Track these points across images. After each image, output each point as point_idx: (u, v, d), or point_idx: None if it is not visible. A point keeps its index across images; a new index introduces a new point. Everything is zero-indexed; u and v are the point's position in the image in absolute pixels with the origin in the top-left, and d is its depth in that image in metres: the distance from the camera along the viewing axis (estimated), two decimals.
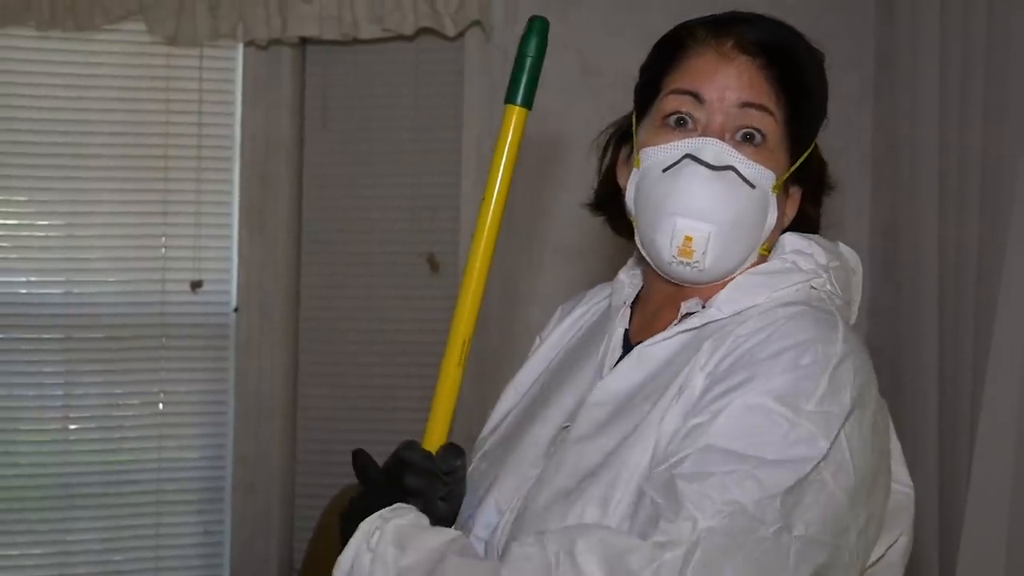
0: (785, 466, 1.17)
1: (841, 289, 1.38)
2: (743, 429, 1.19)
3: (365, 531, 1.28)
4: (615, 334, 1.45)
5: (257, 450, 3.48)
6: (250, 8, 3.30)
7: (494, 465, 1.44)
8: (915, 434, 2.84)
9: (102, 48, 3.40)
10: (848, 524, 1.20)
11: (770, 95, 1.34)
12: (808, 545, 1.16)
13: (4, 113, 3.35)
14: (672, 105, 1.36)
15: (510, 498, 1.38)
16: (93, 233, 3.43)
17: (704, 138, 1.33)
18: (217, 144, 3.49)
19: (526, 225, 3.27)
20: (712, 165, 1.32)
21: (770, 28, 1.39)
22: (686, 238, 1.33)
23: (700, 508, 1.13)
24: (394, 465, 1.36)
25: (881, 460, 1.29)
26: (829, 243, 1.43)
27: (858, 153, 3.37)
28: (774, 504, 1.14)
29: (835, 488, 1.19)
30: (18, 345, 3.38)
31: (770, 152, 1.35)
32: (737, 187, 1.33)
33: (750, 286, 1.34)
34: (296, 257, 3.55)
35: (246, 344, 3.48)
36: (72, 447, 3.42)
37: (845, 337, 1.26)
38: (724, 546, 1.12)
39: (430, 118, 3.50)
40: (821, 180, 1.48)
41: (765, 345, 1.25)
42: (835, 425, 1.19)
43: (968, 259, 2.71)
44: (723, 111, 1.34)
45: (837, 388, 1.21)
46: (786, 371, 1.22)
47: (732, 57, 1.35)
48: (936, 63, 2.87)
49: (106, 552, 3.43)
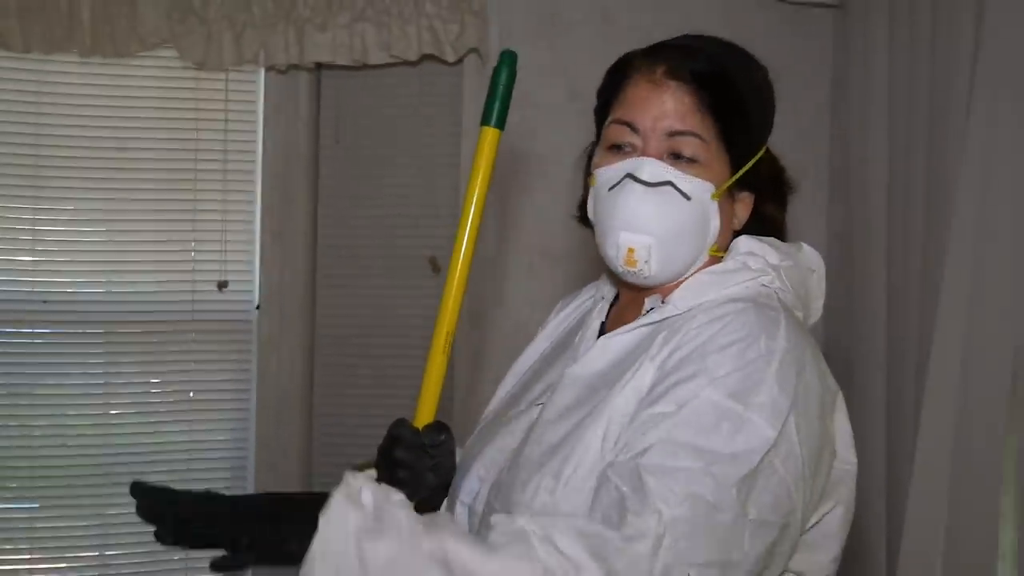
0: (738, 458, 1.18)
1: (794, 286, 1.39)
2: (700, 425, 1.19)
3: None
4: (591, 326, 1.48)
5: (277, 434, 3.48)
6: (271, 36, 3.31)
7: (482, 440, 1.47)
8: (864, 419, 2.85)
9: (138, 72, 3.40)
10: (795, 504, 1.22)
11: (698, 119, 1.34)
12: (760, 527, 1.18)
13: (51, 131, 3.35)
14: (614, 135, 1.39)
15: (489, 468, 1.41)
16: (131, 238, 3.42)
17: (642, 158, 1.35)
18: (241, 158, 3.49)
19: (516, 232, 3.28)
20: (648, 183, 1.33)
21: (702, 53, 1.38)
22: (629, 250, 1.35)
23: (665, 501, 1.14)
24: (387, 441, 1.38)
25: (825, 442, 1.30)
26: (787, 244, 1.44)
27: (815, 166, 3.37)
28: (731, 493, 1.16)
29: (784, 474, 1.20)
30: (64, 339, 3.38)
31: (705, 167, 1.35)
32: (674, 200, 1.34)
33: (702, 284, 1.35)
34: (312, 260, 3.55)
35: (267, 338, 3.49)
36: (112, 431, 3.42)
37: (787, 330, 1.27)
38: (688, 532, 1.13)
39: (432, 135, 3.50)
40: (778, 183, 1.48)
41: (714, 339, 1.26)
42: (782, 415, 1.21)
43: (913, 262, 2.72)
44: (656, 138, 1.35)
45: (783, 380, 1.22)
46: (736, 366, 1.22)
47: (662, 84, 1.35)
48: (885, 85, 2.89)
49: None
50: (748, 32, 3.32)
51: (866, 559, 2.80)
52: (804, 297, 1.42)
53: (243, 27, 3.30)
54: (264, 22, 3.30)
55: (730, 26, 3.21)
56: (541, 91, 3.26)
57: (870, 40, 2.96)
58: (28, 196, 3.35)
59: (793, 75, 3.39)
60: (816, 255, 1.47)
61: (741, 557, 1.16)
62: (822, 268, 1.47)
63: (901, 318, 2.77)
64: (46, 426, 3.38)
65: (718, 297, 1.33)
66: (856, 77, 3.06)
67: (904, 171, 2.78)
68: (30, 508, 3.38)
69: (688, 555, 1.12)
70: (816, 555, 1.35)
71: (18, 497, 3.38)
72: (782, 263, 1.38)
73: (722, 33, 1.46)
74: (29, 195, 3.35)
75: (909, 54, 2.76)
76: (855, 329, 3.00)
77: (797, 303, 1.39)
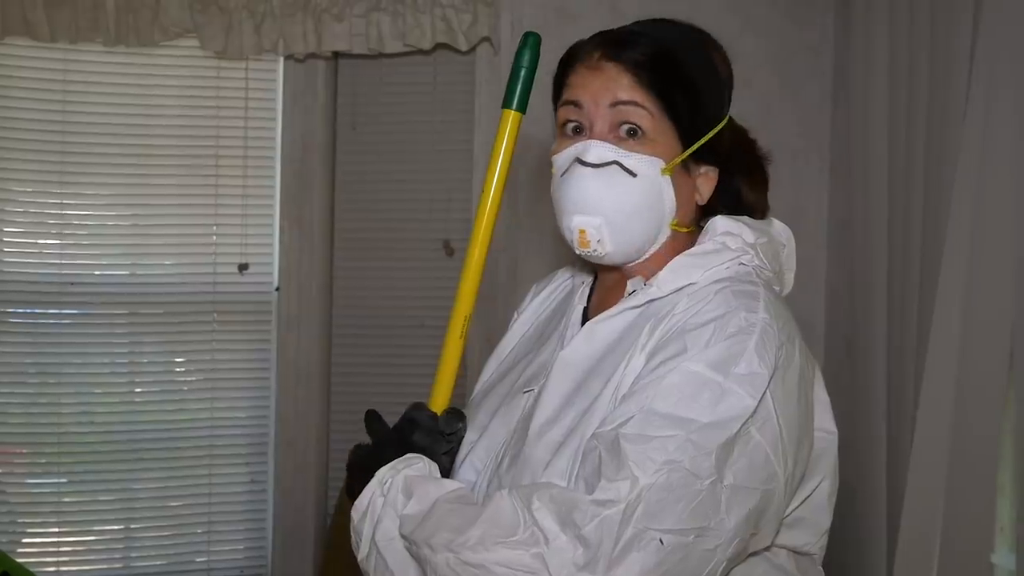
0: (717, 426, 1.17)
1: (770, 261, 1.38)
2: (681, 395, 1.19)
3: (380, 478, 1.30)
4: (574, 312, 1.46)
5: (296, 410, 3.49)
6: (289, 27, 3.31)
7: (476, 429, 1.45)
8: (865, 399, 2.85)
9: (161, 62, 3.41)
10: (775, 471, 1.21)
11: (638, 92, 1.32)
12: (737, 492, 1.17)
13: (77, 119, 3.36)
14: (563, 115, 1.38)
15: (485, 460, 1.39)
16: (155, 223, 3.44)
17: (588, 141, 1.33)
18: (261, 145, 3.50)
19: (530, 215, 3.27)
20: (594, 164, 1.32)
21: (641, 35, 1.37)
22: (580, 231, 1.34)
23: (642, 468, 1.14)
24: (404, 424, 1.37)
25: (807, 412, 1.29)
26: (759, 221, 1.42)
27: (818, 154, 3.37)
28: (709, 460, 1.15)
29: (761, 440, 1.19)
30: (91, 320, 3.40)
31: (653, 142, 1.33)
32: (620, 179, 1.32)
33: (686, 267, 1.34)
34: (330, 243, 3.56)
35: (286, 319, 3.50)
36: (137, 408, 3.44)
37: (767, 305, 1.26)
38: (664, 499, 1.13)
39: (446, 121, 3.50)
40: (750, 158, 1.46)
41: (694, 317, 1.26)
42: (761, 385, 1.20)
43: (913, 246, 2.72)
44: (599, 114, 1.33)
45: (761, 352, 1.22)
46: (716, 339, 1.22)
47: (599, 67, 1.34)
48: (886, 74, 2.88)
49: (166, 498, 3.45)
50: (752, 21, 3.34)
51: (867, 533, 2.80)
52: (778, 271, 1.41)
53: (263, 17, 3.30)
54: (283, 12, 3.30)
55: (734, 15, 3.23)
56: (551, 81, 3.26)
57: (871, 29, 2.95)
58: (55, 182, 3.37)
59: (796, 64, 3.38)
60: (786, 229, 1.46)
61: (717, 523, 1.15)
62: (792, 242, 1.45)
63: (901, 300, 2.77)
64: (73, 404, 3.40)
65: (702, 280, 1.32)
66: (857, 66, 3.05)
67: (904, 158, 2.77)
68: (58, 483, 3.41)
69: (661, 521, 1.12)
70: (808, 529, 1.35)
71: (46, 472, 3.41)
72: (758, 240, 1.37)
73: (726, 22, 1.44)
74: (56, 181, 3.37)
75: (909, 43, 2.76)
76: (856, 311, 3.00)
77: (773, 278, 1.39)
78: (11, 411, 3.37)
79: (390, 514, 1.27)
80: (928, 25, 2.67)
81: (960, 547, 2.42)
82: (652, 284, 1.35)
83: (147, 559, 3.44)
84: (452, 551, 1.17)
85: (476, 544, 1.15)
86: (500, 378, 1.52)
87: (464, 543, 1.16)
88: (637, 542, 1.11)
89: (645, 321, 1.31)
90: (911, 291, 2.71)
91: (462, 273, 1.41)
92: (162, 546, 3.45)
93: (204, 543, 3.48)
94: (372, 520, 1.29)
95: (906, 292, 2.74)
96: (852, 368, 2.97)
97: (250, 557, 3.52)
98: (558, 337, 1.44)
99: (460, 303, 1.38)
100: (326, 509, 3.55)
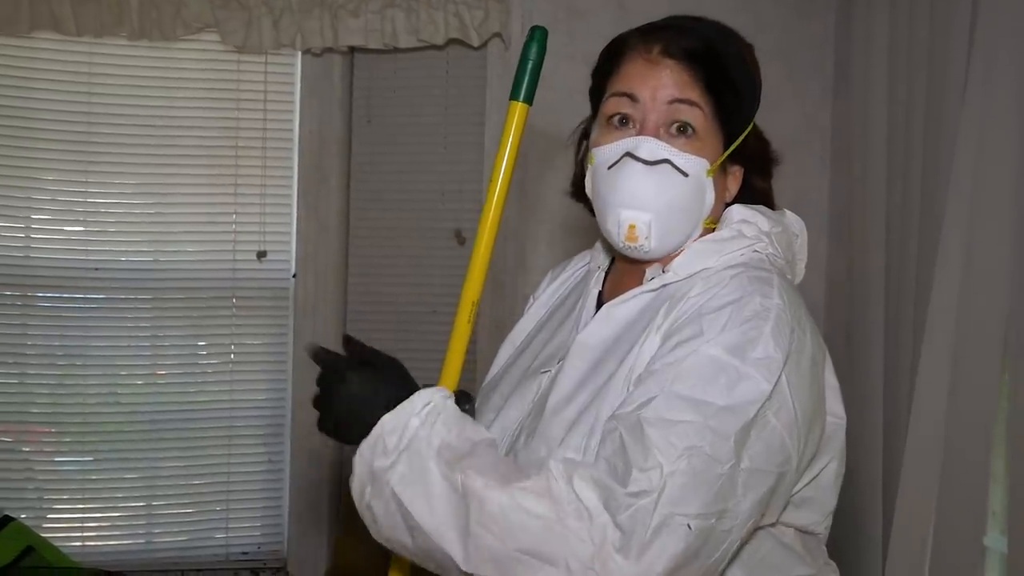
0: (735, 411, 1.17)
1: (783, 250, 1.38)
2: (699, 378, 1.19)
3: (422, 400, 1.22)
4: (590, 296, 1.46)
5: (312, 393, 3.48)
6: (307, 22, 3.31)
7: (491, 410, 1.45)
8: (863, 385, 2.85)
9: (182, 55, 3.41)
10: (790, 454, 1.21)
11: (695, 91, 1.32)
12: (753, 475, 1.17)
13: (102, 111, 3.36)
14: (613, 107, 1.36)
15: (500, 436, 1.39)
16: (176, 211, 3.44)
17: (641, 136, 1.32)
18: (279, 136, 3.50)
19: (537, 205, 3.27)
20: (647, 160, 1.31)
21: (694, 31, 1.35)
22: (630, 226, 1.33)
23: (665, 454, 1.13)
24: None
25: (818, 396, 1.29)
26: (774, 212, 1.42)
27: (819, 146, 3.36)
28: (728, 444, 1.15)
29: (777, 424, 1.19)
30: (115, 305, 3.41)
31: (702, 142, 1.33)
32: (672, 177, 1.31)
33: (702, 252, 1.34)
34: (345, 232, 3.56)
35: (303, 305, 3.50)
36: (160, 390, 3.45)
37: (781, 291, 1.26)
38: (687, 484, 1.13)
39: (458, 114, 3.50)
40: (765, 157, 1.44)
41: (710, 302, 1.25)
42: (776, 370, 1.20)
43: (910, 236, 2.71)
44: (655, 108, 1.32)
45: (777, 336, 1.21)
46: (732, 323, 1.22)
47: (659, 61, 1.33)
48: (885, 68, 2.87)
49: (186, 477, 3.47)
50: (756, 17, 3.33)
51: (863, 516, 2.80)
52: (791, 260, 1.41)
53: (281, 13, 3.30)
54: (301, 8, 3.30)
55: (739, 11, 3.21)
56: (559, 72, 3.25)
57: (872, 24, 2.94)
58: (80, 171, 3.37)
59: (798, 58, 3.37)
60: (799, 220, 1.45)
61: (735, 505, 1.15)
62: (804, 232, 1.45)
63: (898, 289, 2.77)
64: (98, 386, 3.42)
65: (717, 265, 1.32)
66: (858, 61, 3.04)
67: (903, 150, 2.77)
68: (83, 461, 3.42)
69: (686, 506, 1.12)
70: (814, 509, 1.35)
71: (73, 451, 3.42)
72: (772, 229, 1.37)
73: (728, 17, 1.43)
74: (81, 170, 3.37)
75: (908, 37, 2.75)
76: (855, 299, 3.00)
77: (786, 266, 1.38)
78: (39, 392, 3.38)
79: (425, 434, 1.18)
80: (927, 20, 2.67)
81: (954, 530, 2.42)
82: (669, 269, 1.35)
83: (168, 535, 3.46)
84: (509, 493, 1.12)
85: (533, 496, 1.13)
86: (516, 363, 1.52)
87: (523, 489, 1.13)
88: (665, 527, 1.11)
89: (660, 303, 1.31)
90: (908, 280, 2.71)
91: (470, 260, 1.40)
92: (183, 523, 3.47)
93: (223, 520, 3.49)
94: (407, 433, 1.19)
95: (903, 281, 2.74)
96: (850, 355, 2.96)
97: (267, 534, 3.54)
98: (573, 320, 1.44)
99: (468, 289, 1.37)
100: (340, 488, 3.56)
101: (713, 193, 1.35)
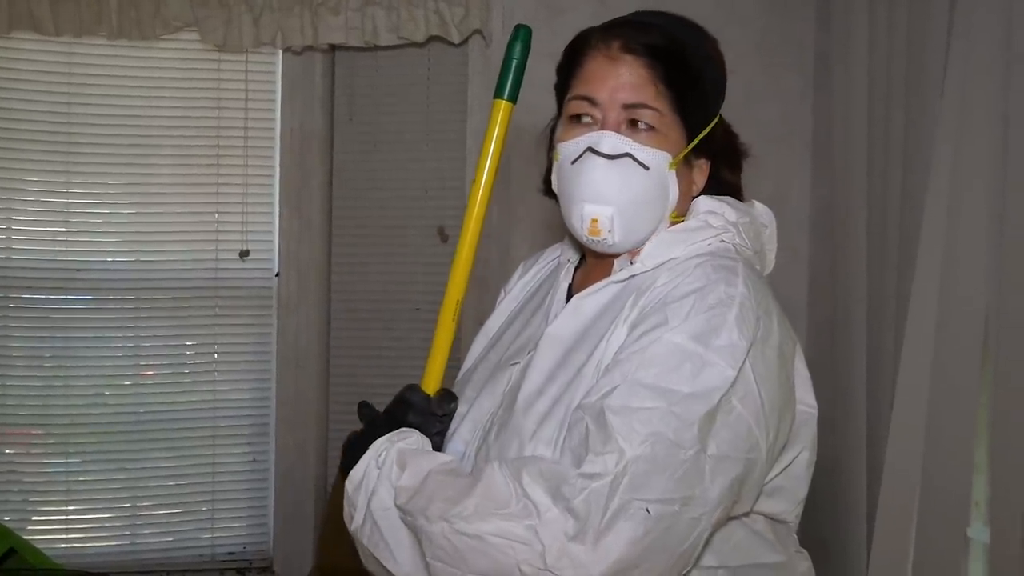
0: (699, 397, 1.17)
1: (751, 240, 1.37)
2: (663, 366, 1.19)
3: (375, 450, 1.30)
4: (560, 288, 1.45)
5: (296, 392, 3.49)
6: (287, 20, 3.29)
7: (464, 402, 1.44)
8: (847, 377, 2.85)
9: (162, 55, 3.39)
10: (757, 441, 1.21)
11: (653, 91, 1.31)
12: (720, 462, 1.17)
13: (81, 110, 3.34)
14: (574, 108, 1.36)
15: (474, 432, 1.38)
16: (158, 211, 3.42)
17: (602, 132, 1.32)
18: (260, 135, 3.48)
19: (520, 204, 3.26)
20: (609, 155, 1.31)
21: (655, 27, 1.35)
22: (592, 220, 1.33)
23: (627, 440, 1.14)
24: (397, 404, 1.37)
25: (788, 385, 1.29)
26: (742, 203, 1.42)
27: (800, 141, 3.35)
28: (692, 431, 1.15)
29: (743, 411, 1.19)
30: (98, 306, 3.39)
31: (663, 136, 1.32)
32: (634, 171, 1.31)
33: (669, 242, 1.34)
34: (328, 230, 3.54)
35: (286, 304, 3.49)
36: (144, 390, 3.44)
37: (746, 279, 1.26)
38: (649, 470, 1.13)
39: (439, 112, 3.49)
40: (732, 150, 1.44)
41: (675, 290, 1.25)
42: (740, 357, 1.19)
43: (891, 230, 2.72)
44: (614, 110, 1.32)
45: (740, 324, 1.21)
46: (696, 311, 1.22)
47: (618, 58, 1.33)
48: (865, 64, 2.87)
49: (172, 477, 3.45)
50: (734, 12, 3.32)
51: (847, 508, 2.80)
52: (760, 251, 1.41)
53: (261, 11, 3.28)
54: (281, 6, 3.28)
55: (718, 7, 3.20)
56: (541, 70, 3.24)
57: (851, 20, 2.94)
58: (61, 172, 3.35)
59: (778, 54, 3.36)
60: (768, 211, 1.45)
61: (702, 492, 1.15)
62: (773, 223, 1.45)
63: (880, 282, 2.77)
64: (82, 387, 3.39)
65: (683, 254, 1.31)
66: (837, 56, 3.04)
67: (883, 145, 2.77)
68: (67, 463, 3.40)
69: (646, 491, 1.12)
70: (786, 497, 1.35)
71: (56, 453, 3.40)
72: (740, 220, 1.37)
73: (709, 13, 1.43)
74: (62, 171, 3.35)
75: (888, 33, 2.75)
76: (837, 293, 3.00)
77: (754, 257, 1.38)
78: (23, 394, 3.36)
79: (385, 485, 1.26)
80: (906, 15, 2.67)
81: (937, 521, 2.43)
82: (636, 260, 1.35)
83: (154, 536, 3.44)
84: (447, 521, 1.16)
85: (471, 515, 1.15)
86: (489, 355, 1.51)
87: (459, 514, 1.16)
88: (624, 512, 1.11)
89: (628, 294, 1.31)
90: (890, 274, 2.72)
91: (454, 258, 1.40)
92: (168, 523, 3.44)
93: (208, 520, 3.47)
94: (367, 491, 1.28)
95: (885, 275, 2.74)
96: (833, 348, 2.97)
97: (252, 533, 3.52)
98: (543, 313, 1.44)
99: (452, 287, 1.37)
100: (325, 487, 3.54)
101: (677, 186, 1.34)
